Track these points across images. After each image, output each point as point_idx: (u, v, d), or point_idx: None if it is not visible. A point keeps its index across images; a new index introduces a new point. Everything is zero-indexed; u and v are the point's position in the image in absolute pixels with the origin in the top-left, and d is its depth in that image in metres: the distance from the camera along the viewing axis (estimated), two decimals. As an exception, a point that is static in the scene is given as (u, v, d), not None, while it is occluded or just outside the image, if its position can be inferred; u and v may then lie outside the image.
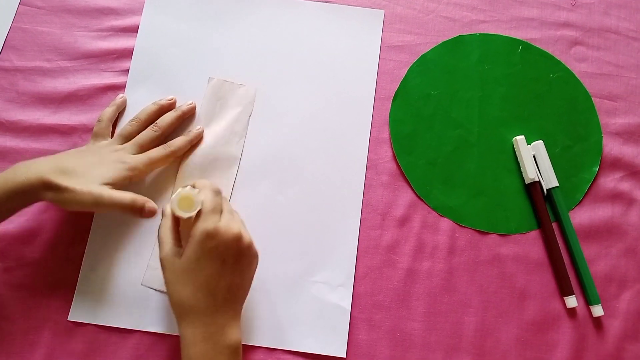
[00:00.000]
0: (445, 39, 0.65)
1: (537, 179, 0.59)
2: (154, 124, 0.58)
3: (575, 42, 0.65)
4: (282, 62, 0.64)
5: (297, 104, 0.62)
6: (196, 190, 0.48)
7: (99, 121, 0.58)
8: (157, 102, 0.60)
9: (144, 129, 0.58)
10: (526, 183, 0.60)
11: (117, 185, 0.52)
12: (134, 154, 0.56)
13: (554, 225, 0.59)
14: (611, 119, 0.63)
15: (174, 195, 0.48)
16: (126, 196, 0.51)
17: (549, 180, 0.59)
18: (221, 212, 0.48)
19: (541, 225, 0.59)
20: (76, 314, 0.55)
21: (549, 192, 0.59)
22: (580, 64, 0.65)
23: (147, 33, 0.64)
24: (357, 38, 0.65)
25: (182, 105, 0.60)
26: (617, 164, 0.61)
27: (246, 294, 0.50)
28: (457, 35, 0.65)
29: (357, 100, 0.62)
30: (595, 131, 0.62)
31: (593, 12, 0.66)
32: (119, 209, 0.50)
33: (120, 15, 0.64)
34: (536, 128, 0.62)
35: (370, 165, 0.60)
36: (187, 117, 0.60)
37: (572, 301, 0.56)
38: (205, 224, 0.46)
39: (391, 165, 0.61)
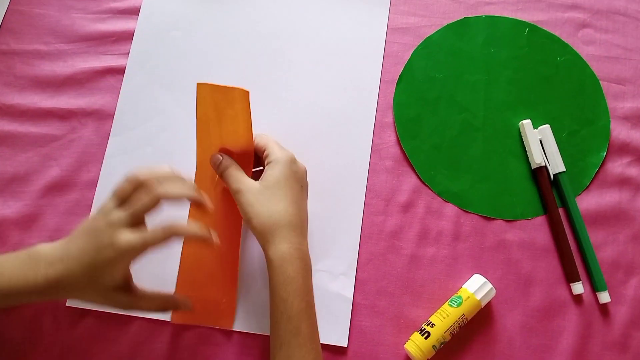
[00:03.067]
0: (451, 21, 0.63)
1: (544, 164, 0.58)
2: (152, 186, 0.47)
3: (583, 25, 0.64)
4: (286, 46, 0.62)
5: (302, 88, 0.61)
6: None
7: (122, 189, 0.47)
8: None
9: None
10: (532, 168, 0.59)
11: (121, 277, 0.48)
12: (129, 226, 0.46)
13: (561, 210, 0.58)
14: (619, 103, 0.62)
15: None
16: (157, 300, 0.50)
17: (556, 165, 0.58)
18: None
19: (547, 211, 0.58)
20: (75, 301, 0.54)
21: (556, 177, 0.58)
22: (588, 47, 0.63)
23: (149, 15, 0.63)
24: (363, 22, 0.63)
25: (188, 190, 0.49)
26: (625, 149, 0.60)
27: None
28: (463, 17, 0.63)
29: (362, 85, 0.61)
30: (602, 115, 0.61)
31: (601, -6, 0.65)
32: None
33: (119, -3, 0.63)
34: (543, 112, 0.61)
35: (374, 150, 0.59)
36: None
37: (578, 287, 0.56)
38: (286, 152, 0.51)
39: (395, 150, 0.60)
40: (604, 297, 0.56)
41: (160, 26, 0.62)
